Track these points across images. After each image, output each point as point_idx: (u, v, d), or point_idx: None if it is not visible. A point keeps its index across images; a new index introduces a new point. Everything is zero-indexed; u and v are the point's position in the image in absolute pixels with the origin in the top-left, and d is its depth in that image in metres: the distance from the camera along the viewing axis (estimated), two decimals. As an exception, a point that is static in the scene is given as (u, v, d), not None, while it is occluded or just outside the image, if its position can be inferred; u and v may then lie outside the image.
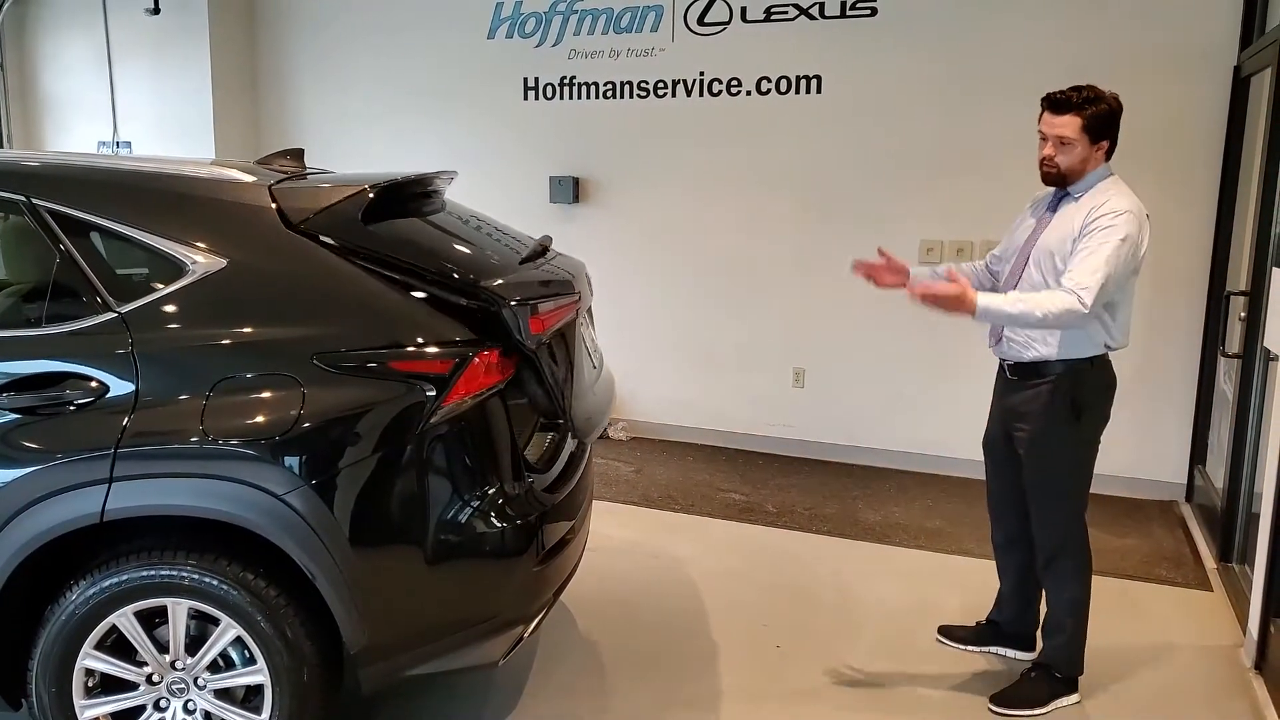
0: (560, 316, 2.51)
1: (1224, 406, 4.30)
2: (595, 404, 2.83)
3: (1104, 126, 2.71)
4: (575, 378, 2.60)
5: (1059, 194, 2.84)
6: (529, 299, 2.37)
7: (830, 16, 5.12)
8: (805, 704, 2.95)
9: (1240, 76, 4.39)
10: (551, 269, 2.71)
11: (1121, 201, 2.69)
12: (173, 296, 2.29)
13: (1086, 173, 2.75)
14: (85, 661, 2.30)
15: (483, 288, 2.35)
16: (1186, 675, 3.14)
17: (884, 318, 5.22)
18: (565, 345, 2.57)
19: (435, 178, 2.78)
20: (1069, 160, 2.73)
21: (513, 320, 2.33)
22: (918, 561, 4.07)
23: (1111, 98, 2.73)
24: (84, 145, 6.71)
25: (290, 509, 2.19)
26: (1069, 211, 2.78)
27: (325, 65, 6.35)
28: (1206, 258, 4.61)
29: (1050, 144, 2.74)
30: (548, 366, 2.43)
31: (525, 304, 2.35)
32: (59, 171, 2.52)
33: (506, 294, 2.34)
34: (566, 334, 2.58)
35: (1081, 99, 2.69)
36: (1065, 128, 2.70)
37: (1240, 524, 3.84)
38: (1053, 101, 2.73)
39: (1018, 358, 2.86)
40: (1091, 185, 2.76)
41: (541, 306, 2.40)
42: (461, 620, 2.37)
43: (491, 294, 2.34)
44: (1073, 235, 2.70)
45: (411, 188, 2.64)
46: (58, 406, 2.23)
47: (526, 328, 2.34)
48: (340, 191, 2.41)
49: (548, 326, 2.42)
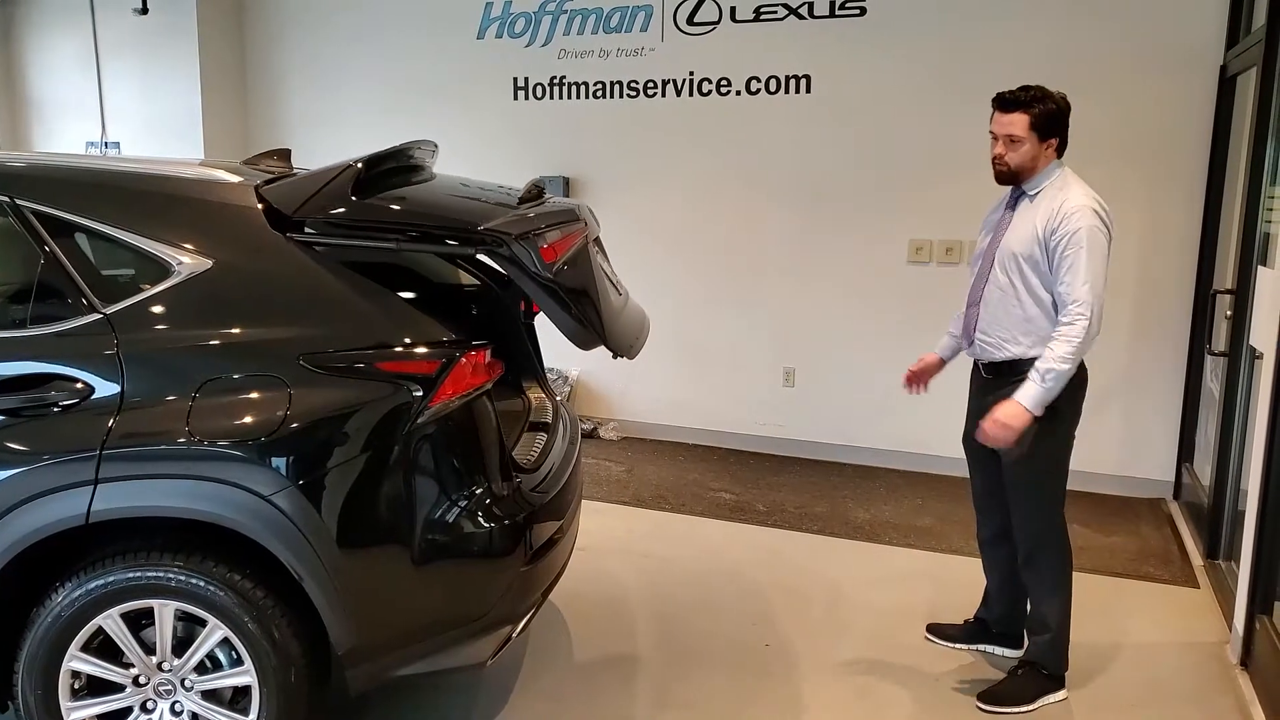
0: (570, 243, 2.43)
1: (1210, 404, 4.32)
2: (630, 324, 2.75)
3: (1052, 124, 2.77)
4: (602, 300, 2.51)
5: (1015, 193, 2.89)
6: (533, 231, 2.31)
7: (819, 16, 5.13)
8: (794, 703, 2.95)
9: (1226, 76, 4.41)
10: (551, 206, 2.64)
11: (1077, 198, 2.74)
12: (158, 297, 2.28)
13: (1038, 170, 2.81)
14: (71, 664, 2.29)
15: (484, 230, 2.30)
16: (1173, 671, 3.16)
17: (873, 318, 5.24)
18: (583, 271, 2.48)
19: (416, 147, 2.73)
20: (1018, 158, 2.78)
21: (524, 254, 2.27)
22: (907, 560, 4.08)
23: (1059, 97, 2.79)
24: (72, 146, 6.69)
25: (277, 510, 2.18)
26: (1027, 210, 2.83)
27: (314, 65, 6.34)
28: (1193, 257, 4.64)
29: (1000, 143, 2.80)
30: (570, 295, 2.35)
31: (530, 236, 2.29)
32: (43, 172, 2.51)
33: (510, 229, 2.29)
34: (581, 260, 2.48)
35: (1029, 97, 2.75)
36: (1013, 126, 2.76)
37: (1226, 521, 3.86)
38: (1001, 101, 2.80)
39: (992, 358, 2.90)
40: (1044, 182, 2.82)
41: (548, 236, 2.34)
42: (449, 620, 2.37)
43: (494, 233, 2.29)
44: (1036, 237, 2.76)
45: (397, 160, 2.60)
46: (42, 408, 2.22)
47: (539, 258, 2.28)
48: (330, 172, 2.39)
49: (560, 254, 2.35)
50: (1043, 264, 2.76)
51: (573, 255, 2.42)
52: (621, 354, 2.59)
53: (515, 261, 2.30)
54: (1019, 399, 2.71)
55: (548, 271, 2.30)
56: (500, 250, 2.30)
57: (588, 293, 2.43)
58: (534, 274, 2.30)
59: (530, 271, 2.30)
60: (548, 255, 2.31)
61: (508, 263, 2.32)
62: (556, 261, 2.33)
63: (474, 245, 2.34)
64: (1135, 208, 4.61)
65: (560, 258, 2.35)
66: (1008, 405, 2.72)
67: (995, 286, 2.86)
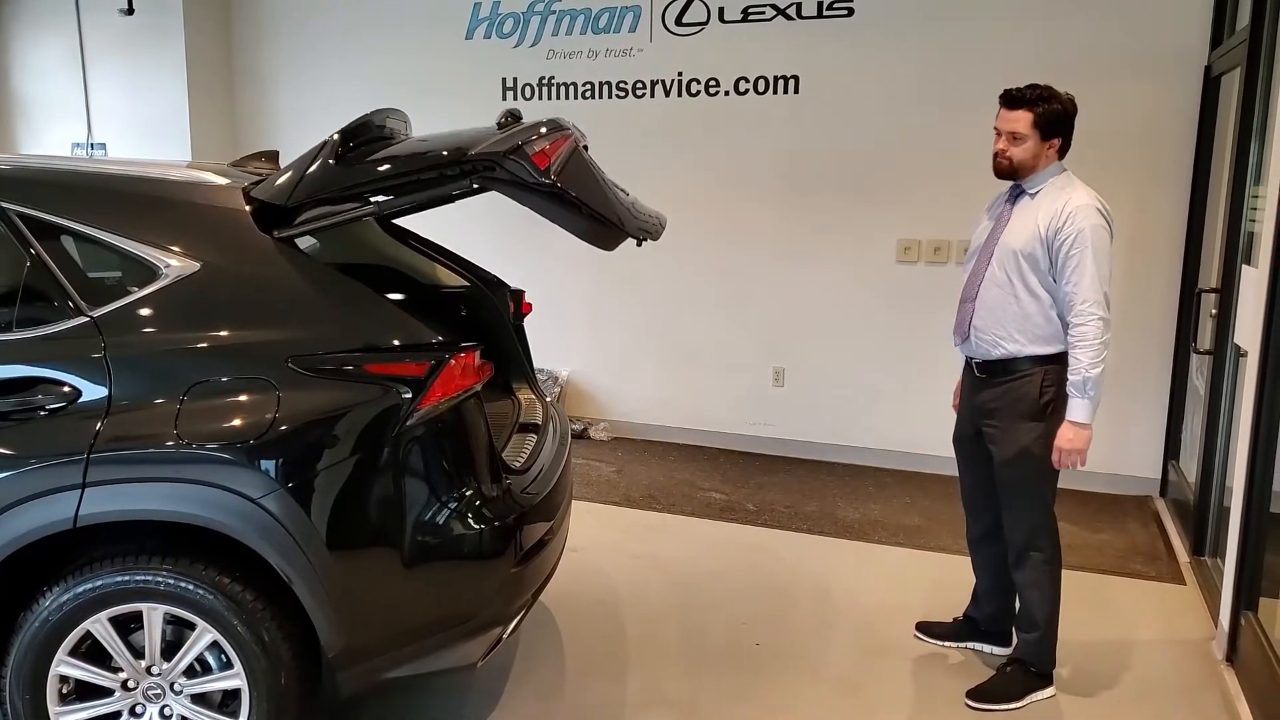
0: (560, 147, 2.36)
1: (1196, 402, 4.35)
2: (644, 210, 2.66)
3: (1056, 124, 2.79)
4: (610, 191, 2.45)
5: (1015, 191, 2.90)
6: (521, 143, 2.26)
7: (807, 17, 5.15)
8: (784, 701, 2.96)
9: (1211, 76, 4.44)
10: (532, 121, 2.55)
11: (1080, 197, 2.76)
12: (146, 300, 2.27)
13: (1039, 169, 2.83)
14: (60, 668, 2.28)
15: (474, 155, 2.26)
16: (1159, 668, 3.18)
17: (862, 317, 5.26)
18: (581, 168, 2.41)
19: (388, 116, 2.67)
20: (1020, 154, 2.80)
21: (518, 168, 2.22)
22: (896, 558, 4.10)
23: (1066, 99, 2.81)
24: (58, 148, 6.65)
25: (266, 513, 2.18)
26: (1027, 209, 2.84)
27: (302, 65, 6.32)
28: (1179, 256, 4.67)
29: (1004, 138, 2.82)
30: (577, 193, 2.28)
31: (520, 148, 2.24)
32: (29, 174, 2.50)
33: (497, 148, 2.26)
34: (576, 160, 2.41)
35: (1035, 96, 2.77)
36: (1017, 122, 2.78)
37: (1212, 518, 3.89)
38: (1008, 97, 2.82)
39: (986, 356, 2.91)
40: (1045, 182, 2.84)
41: (536, 145, 2.28)
42: (440, 622, 2.37)
43: (483, 157, 2.25)
44: (1038, 235, 2.77)
45: (370, 131, 2.54)
46: (29, 412, 2.22)
47: (533, 167, 2.23)
48: (308, 155, 2.37)
49: (553, 157, 2.29)
50: (1043, 262, 2.77)
51: (567, 156, 2.34)
52: (648, 235, 2.49)
53: (513, 180, 2.24)
54: (1072, 419, 2.76)
55: (546, 177, 2.23)
56: (494, 173, 2.24)
57: (592, 187, 2.35)
58: (534, 184, 2.23)
59: (530, 183, 2.23)
60: (541, 161, 2.24)
61: (505, 184, 2.26)
62: (552, 164, 2.25)
63: (467, 175, 2.27)
64: (1121, 207, 4.59)
65: (555, 160, 2.27)
66: (1065, 430, 2.77)
67: (993, 283, 2.86)
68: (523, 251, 5.85)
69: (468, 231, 5.17)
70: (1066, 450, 2.78)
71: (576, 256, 5.84)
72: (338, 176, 2.32)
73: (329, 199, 2.32)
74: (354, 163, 2.37)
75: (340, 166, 2.33)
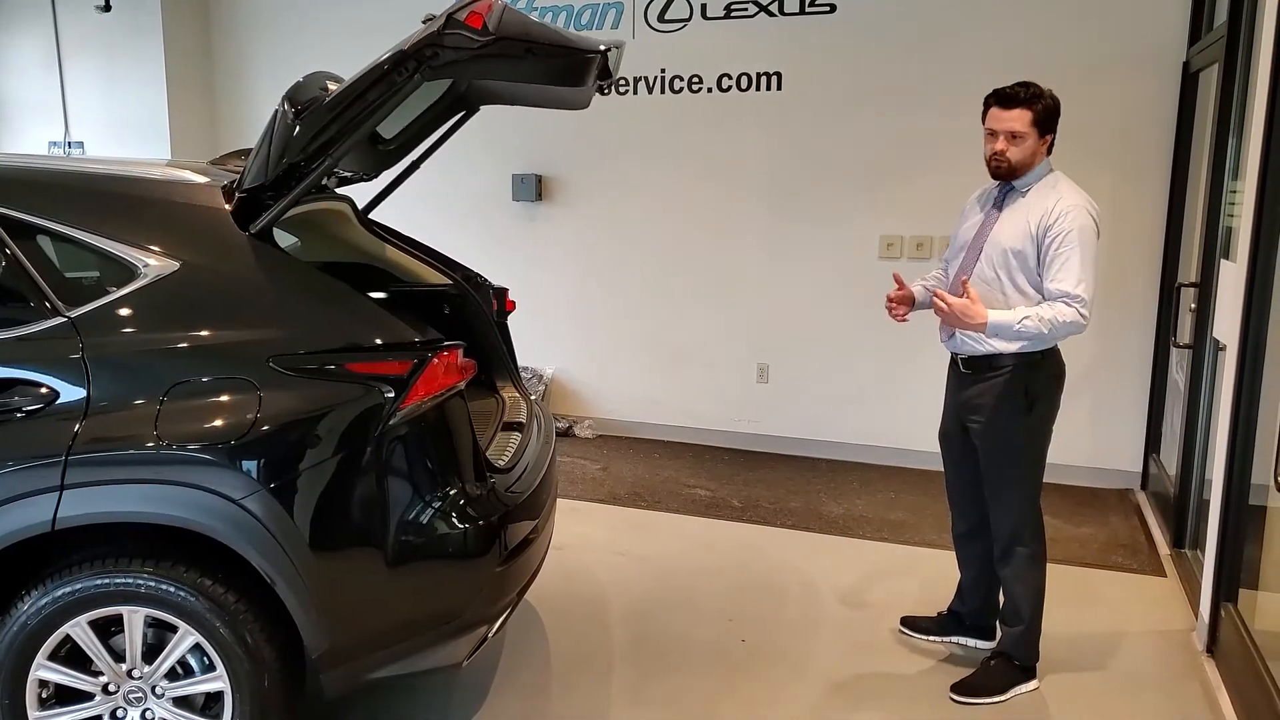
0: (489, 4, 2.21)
1: (1176, 396, 4.39)
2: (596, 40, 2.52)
3: (1050, 120, 2.79)
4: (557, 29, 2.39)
5: (1004, 189, 2.89)
6: (447, 19, 2.16)
7: (790, 13, 5.15)
8: (770, 697, 2.97)
9: (1189, 72, 4.48)
10: None
11: (1071, 197, 2.76)
12: (125, 300, 2.25)
13: (1034, 166, 2.82)
14: (39, 672, 2.26)
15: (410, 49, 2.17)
16: (1141, 660, 3.21)
17: (846, 313, 5.27)
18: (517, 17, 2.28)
19: (326, 78, 2.59)
20: (1020, 154, 2.78)
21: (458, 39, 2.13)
22: (880, 553, 4.11)
23: (1050, 94, 2.80)
24: (35, 146, 6.57)
25: (248, 514, 2.16)
26: (1018, 207, 2.84)
27: (282, 63, 6.27)
28: (1158, 250, 4.71)
29: (1001, 139, 2.79)
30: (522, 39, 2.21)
31: (449, 23, 2.14)
32: (3, 174, 2.46)
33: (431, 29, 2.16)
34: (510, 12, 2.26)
35: (1030, 94, 2.76)
36: (1016, 121, 2.76)
37: (1192, 511, 3.92)
38: (1001, 97, 2.79)
39: (971, 352, 2.91)
40: (1036, 180, 2.83)
41: (461, 13, 2.17)
42: (424, 622, 2.36)
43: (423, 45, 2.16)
44: (1029, 233, 2.76)
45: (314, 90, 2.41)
46: (6, 414, 2.19)
47: (471, 29, 2.13)
48: (267, 128, 2.28)
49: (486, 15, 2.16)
50: (1032, 260, 2.77)
51: (500, 11, 2.22)
52: (608, 49, 2.42)
53: (459, 53, 2.15)
54: (991, 314, 2.68)
55: (486, 34, 2.14)
56: (439, 58, 2.16)
57: (534, 26, 2.27)
58: (480, 47, 2.15)
59: (474, 48, 2.15)
60: (475, 21, 2.15)
61: (451, 66, 2.18)
62: (488, 21, 2.16)
63: (415, 73, 2.18)
64: (1101, 202, 4.54)
65: (489, 16, 2.17)
66: (979, 308, 2.68)
67: (980, 280, 2.85)
68: (506, 250, 5.84)
69: (451, 230, 5.16)
70: (960, 310, 2.68)
71: (559, 254, 5.84)
72: (302, 133, 2.24)
73: (299, 161, 2.26)
74: (308, 117, 2.27)
75: (299, 123, 2.24)
